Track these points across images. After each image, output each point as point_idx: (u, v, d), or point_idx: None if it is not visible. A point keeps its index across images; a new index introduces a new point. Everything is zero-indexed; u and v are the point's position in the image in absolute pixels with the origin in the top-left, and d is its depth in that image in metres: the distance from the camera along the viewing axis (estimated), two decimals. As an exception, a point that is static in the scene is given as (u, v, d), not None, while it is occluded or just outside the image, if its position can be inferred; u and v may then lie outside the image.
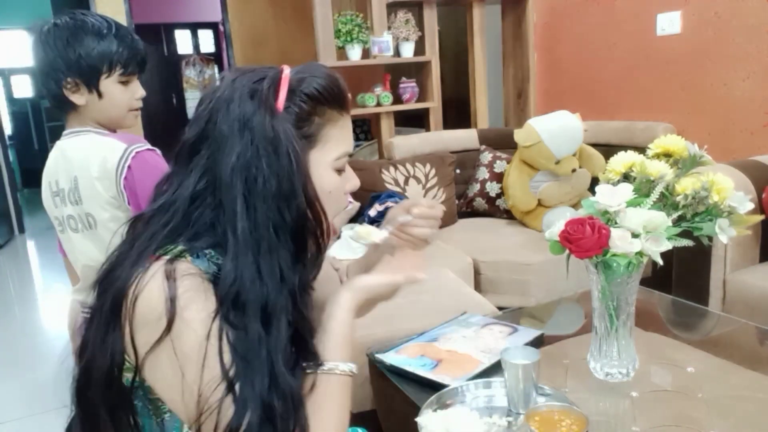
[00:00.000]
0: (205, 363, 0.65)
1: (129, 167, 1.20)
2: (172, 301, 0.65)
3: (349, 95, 0.81)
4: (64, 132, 1.29)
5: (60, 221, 1.31)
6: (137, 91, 1.30)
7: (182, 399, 0.67)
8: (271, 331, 0.69)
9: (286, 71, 0.76)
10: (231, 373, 0.66)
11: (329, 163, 0.78)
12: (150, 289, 0.66)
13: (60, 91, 1.22)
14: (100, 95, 1.24)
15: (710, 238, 1.02)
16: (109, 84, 1.24)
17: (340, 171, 0.80)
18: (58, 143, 1.31)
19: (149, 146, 1.26)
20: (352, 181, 0.84)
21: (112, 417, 0.71)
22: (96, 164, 1.22)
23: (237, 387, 0.66)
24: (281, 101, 0.73)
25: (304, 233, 0.73)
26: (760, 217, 1.13)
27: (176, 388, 0.67)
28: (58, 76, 1.21)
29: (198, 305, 0.67)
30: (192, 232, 0.72)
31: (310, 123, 0.75)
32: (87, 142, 1.26)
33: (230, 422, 0.64)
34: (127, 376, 0.70)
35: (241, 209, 0.70)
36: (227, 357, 0.66)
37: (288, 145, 0.71)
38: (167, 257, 0.69)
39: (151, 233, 0.73)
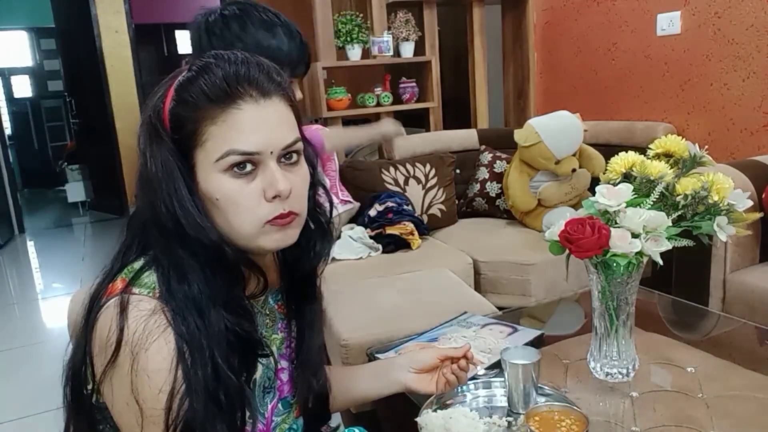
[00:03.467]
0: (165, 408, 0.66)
1: None
2: (120, 336, 0.66)
3: (245, 84, 0.71)
4: None
5: None
6: (296, 93, 1.24)
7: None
8: (206, 325, 0.69)
9: (175, 83, 0.73)
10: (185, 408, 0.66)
11: (212, 166, 0.70)
12: (102, 324, 0.68)
13: None
14: None
15: (710, 237, 1.02)
16: None
17: (239, 174, 0.70)
18: None
19: None
20: (274, 185, 0.71)
21: (75, 416, 0.74)
22: None
23: (187, 378, 0.67)
24: (166, 120, 0.72)
25: (198, 246, 0.71)
26: (758, 215, 1.12)
27: (127, 418, 0.68)
28: None
29: (152, 348, 0.67)
30: (143, 242, 0.74)
31: (187, 122, 0.70)
32: None
33: (185, 414, 0.66)
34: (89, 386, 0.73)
35: (153, 216, 0.71)
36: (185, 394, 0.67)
37: (159, 168, 0.70)
38: (128, 281, 0.71)
39: (125, 246, 0.76)
